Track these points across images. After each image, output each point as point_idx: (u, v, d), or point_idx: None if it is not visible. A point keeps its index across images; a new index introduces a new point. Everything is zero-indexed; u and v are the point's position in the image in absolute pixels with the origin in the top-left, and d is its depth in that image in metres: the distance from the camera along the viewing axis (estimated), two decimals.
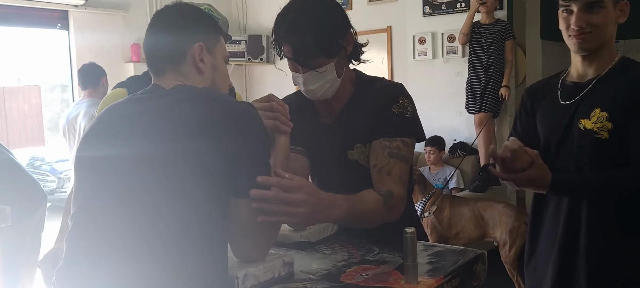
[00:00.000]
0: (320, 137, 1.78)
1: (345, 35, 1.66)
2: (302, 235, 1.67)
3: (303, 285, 1.38)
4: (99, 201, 1.28)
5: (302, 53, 1.61)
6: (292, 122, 1.77)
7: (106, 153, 1.31)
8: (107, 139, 1.34)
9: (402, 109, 1.65)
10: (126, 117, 1.35)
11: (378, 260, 1.54)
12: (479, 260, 1.60)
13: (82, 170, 1.36)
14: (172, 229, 1.22)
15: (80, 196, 1.33)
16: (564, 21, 1.77)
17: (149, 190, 1.24)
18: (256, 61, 6.43)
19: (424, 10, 5.32)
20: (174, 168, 1.24)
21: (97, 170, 1.31)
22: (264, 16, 6.48)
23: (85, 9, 5.29)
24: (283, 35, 1.63)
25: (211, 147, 1.24)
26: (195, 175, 1.23)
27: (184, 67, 1.40)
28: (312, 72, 1.63)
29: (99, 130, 1.37)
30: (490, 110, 4.81)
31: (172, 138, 1.26)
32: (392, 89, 1.72)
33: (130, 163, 1.27)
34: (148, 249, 1.21)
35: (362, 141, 1.70)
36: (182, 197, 1.23)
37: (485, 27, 4.83)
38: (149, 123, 1.30)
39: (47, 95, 10.66)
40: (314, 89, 1.66)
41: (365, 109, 1.69)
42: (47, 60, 11.13)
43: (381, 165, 1.61)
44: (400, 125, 1.65)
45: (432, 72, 5.35)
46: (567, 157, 1.71)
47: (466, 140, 5.16)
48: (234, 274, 1.30)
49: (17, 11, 5.02)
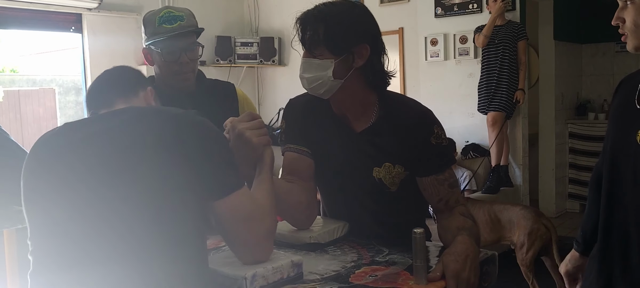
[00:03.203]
0: (343, 144, 1.76)
1: (358, 43, 1.65)
2: (312, 236, 1.67)
3: (312, 285, 1.38)
4: (62, 228, 1.24)
5: (309, 37, 1.65)
6: (303, 121, 1.78)
7: (64, 177, 1.27)
8: (63, 164, 1.29)
9: (439, 139, 1.70)
10: (80, 140, 1.30)
11: (387, 261, 1.54)
12: (490, 261, 1.59)
13: (37, 197, 1.30)
14: (143, 245, 1.21)
15: (39, 228, 1.28)
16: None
17: (116, 210, 1.22)
18: (268, 63, 6.45)
19: (436, 11, 5.31)
20: (140, 184, 1.23)
21: (54, 197, 1.27)
22: (276, 18, 6.49)
23: (99, 12, 5.33)
24: (302, 17, 1.68)
25: (172, 158, 1.25)
26: (162, 188, 1.23)
27: (135, 101, 1.45)
28: (311, 59, 1.65)
29: (50, 154, 1.32)
30: (502, 110, 4.79)
31: (132, 154, 1.25)
32: (424, 117, 1.72)
33: (92, 185, 1.24)
34: (122, 266, 1.20)
35: (391, 161, 1.71)
36: (151, 213, 1.22)
37: (498, 28, 4.81)
38: (106, 142, 1.28)
39: (61, 98, 10.76)
40: (306, 78, 1.67)
41: (398, 130, 1.70)
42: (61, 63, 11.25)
43: (447, 198, 1.70)
44: (444, 157, 1.72)
45: (444, 73, 5.34)
46: (625, 176, 1.47)
47: (479, 142, 5.14)
48: (242, 274, 1.31)
49: (31, 15, 5.06)
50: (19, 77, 11.46)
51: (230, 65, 6.31)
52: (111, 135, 1.29)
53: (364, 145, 1.72)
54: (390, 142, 1.70)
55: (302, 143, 1.78)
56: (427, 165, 1.70)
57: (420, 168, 1.70)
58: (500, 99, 4.79)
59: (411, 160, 1.70)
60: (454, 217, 1.66)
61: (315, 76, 1.65)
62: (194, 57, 2.16)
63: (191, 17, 2.16)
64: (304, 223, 1.74)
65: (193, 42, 2.16)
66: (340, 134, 1.75)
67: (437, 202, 1.71)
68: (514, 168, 5.12)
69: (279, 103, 6.49)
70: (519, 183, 5.11)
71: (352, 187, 1.76)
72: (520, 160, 5.11)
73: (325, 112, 1.78)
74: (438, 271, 1.41)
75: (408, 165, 1.71)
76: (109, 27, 5.38)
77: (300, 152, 1.78)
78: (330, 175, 1.80)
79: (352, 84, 1.67)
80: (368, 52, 1.66)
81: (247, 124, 1.51)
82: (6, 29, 5.36)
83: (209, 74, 2.41)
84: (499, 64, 4.79)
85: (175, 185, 1.25)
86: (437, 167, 1.70)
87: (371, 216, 1.76)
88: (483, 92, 4.90)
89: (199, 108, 2.13)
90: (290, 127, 1.83)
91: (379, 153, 1.71)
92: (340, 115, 1.76)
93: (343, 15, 1.65)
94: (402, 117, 1.71)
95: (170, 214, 1.23)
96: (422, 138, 1.68)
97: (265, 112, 6.58)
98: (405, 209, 1.76)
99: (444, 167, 1.71)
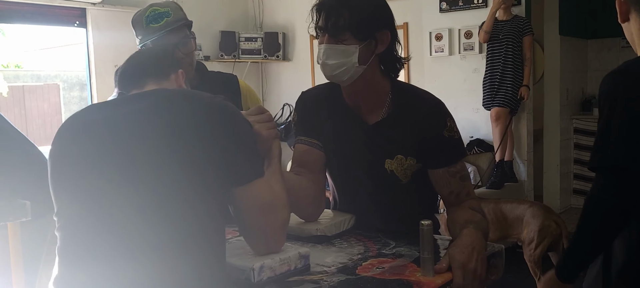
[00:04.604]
0: (355, 136, 1.76)
1: (381, 29, 1.66)
2: (319, 229, 1.67)
3: (319, 277, 1.37)
4: (90, 209, 1.25)
5: (334, 23, 1.63)
6: (315, 113, 1.78)
7: (93, 156, 1.27)
8: (92, 143, 1.29)
9: (452, 132, 1.71)
10: (106, 121, 1.31)
11: (394, 254, 1.53)
12: (497, 254, 1.59)
13: (63, 179, 1.30)
14: (170, 229, 1.21)
15: (67, 208, 1.29)
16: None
17: (144, 192, 1.22)
18: (272, 58, 6.44)
19: (441, 6, 5.29)
20: (169, 168, 1.23)
21: (81, 177, 1.27)
22: (280, 14, 6.49)
23: (103, 7, 5.33)
24: (322, 2, 1.66)
25: (201, 143, 1.25)
26: (189, 173, 1.23)
27: (166, 84, 1.46)
28: (334, 45, 1.64)
29: (78, 134, 1.33)
30: (506, 105, 4.78)
31: (160, 138, 1.25)
32: (437, 110, 1.73)
33: (120, 167, 1.25)
34: (147, 251, 1.20)
35: (404, 153, 1.71)
36: (178, 196, 1.22)
37: (503, 24, 4.80)
38: (134, 124, 1.29)
39: (66, 93, 10.78)
40: (330, 64, 1.65)
41: (410, 122, 1.70)
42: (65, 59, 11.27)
43: (458, 190, 1.71)
44: (456, 149, 1.72)
45: (449, 68, 5.32)
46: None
47: (483, 137, 5.13)
48: (250, 265, 1.30)
49: (35, 9, 5.07)
50: (23, 72, 11.50)
51: (235, 60, 6.31)
52: (137, 118, 1.29)
53: (376, 138, 1.72)
54: (403, 135, 1.70)
55: (314, 135, 1.78)
56: (439, 157, 1.70)
57: (432, 160, 1.71)
58: (505, 94, 4.78)
59: (423, 152, 1.70)
60: (463, 210, 1.66)
61: (339, 62, 1.64)
62: (188, 50, 2.11)
63: (178, 10, 2.10)
64: (312, 215, 1.73)
65: (184, 36, 2.10)
66: (353, 127, 1.75)
67: (448, 195, 1.71)
68: (519, 164, 5.11)
69: (283, 98, 6.49)
70: (524, 179, 5.10)
71: (364, 179, 1.76)
72: (524, 155, 5.10)
73: (337, 105, 1.77)
74: (444, 263, 1.41)
75: (420, 157, 1.71)
76: (113, 22, 5.38)
77: (311, 144, 1.78)
78: (342, 167, 1.80)
79: (370, 70, 1.68)
80: (389, 38, 1.68)
81: (256, 117, 1.51)
82: (10, 23, 5.37)
83: (213, 69, 2.39)
84: (503, 60, 4.78)
85: (200, 169, 1.24)
86: (449, 159, 1.70)
87: (382, 208, 1.76)
88: (487, 87, 4.89)
89: None
90: (302, 120, 1.83)
91: (391, 146, 1.71)
92: (354, 107, 1.76)
93: (365, 0, 1.65)
94: (415, 109, 1.71)
95: (194, 197, 1.23)
96: (435, 131, 1.69)
97: (270, 107, 6.57)
98: (416, 201, 1.76)
99: (456, 160, 1.71)
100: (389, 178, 1.72)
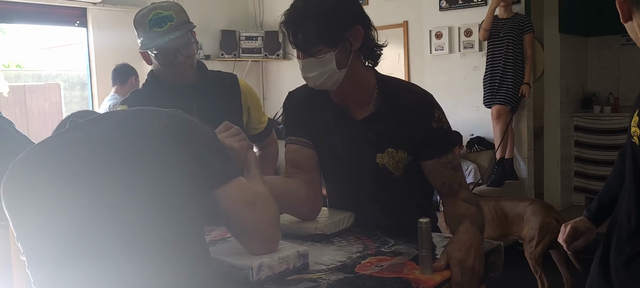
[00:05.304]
0: (345, 133, 1.76)
1: (350, 28, 1.65)
2: (317, 227, 1.67)
3: (318, 276, 1.38)
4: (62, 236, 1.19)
5: (303, 39, 1.63)
6: (303, 112, 1.78)
7: (59, 183, 1.22)
8: (59, 168, 1.23)
9: (440, 122, 1.71)
10: (60, 150, 1.26)
11: (393, 252, 1.54)
12: (496, 251, 1.59)
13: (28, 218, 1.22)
14: (152, 236, 1.20)
15: (36, 229, 1.21)
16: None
17: (122, 206, 1.20)
18: (273, 57, 6.45)
19: (441, 4, 5.29)
20: (145, 177, 1.22)
21: (53, 201, 1.21)
22: (281, 12, 6.41)
23: (103, 6, 5.34)
24: (287, 21, 1.66)
25: (175, 151, 1.25)
26: (168, 180, 1.24)
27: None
28: (311, 59, 1.64)
29: (34, 169, 1.24)
30: (507, 103, 4.78)
31: (131, 153, 1.24)
32: (424, 101, 1.73)
33: (96, 183, 1.21)
34: (129, 256, 1.18)
35: (394, 146, 1.71)
36: (159, 203, 1.22)
37: (503, 22, 4.80)
38: (103, 140, 1.26)
39: (66, 93, 10.78)
40: (311, 77, 1.66)
41: (399, 116, 1.70)
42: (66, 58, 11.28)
43: (451, 181, 1.72)
44: (445, 140, 1.73)
45: (449, 66, 5.33)
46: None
47: (484, 135, 5.13)
48: (249, 264, 1.31)
49: (35, 9, 5.08)
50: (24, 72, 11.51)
51: (235, 60, 6.31)
52: (108, 134, 1.27)
53: (365, 133, 1.73)
54: (392, 128, 1.71)
55: (303, 134, 1.79)
56: (429, 148, 1.70)
57: (422, 152, 1.72)
58: (505, 92, 4.78)
59: (413, 144, 1.71)
60: (458, 203, 1.68)
61: (319, 73, 1.64)
62: (190, 53, 2.10)
63: (181, 12, 2.08)
64: (309, 215, 1.74)
65: (187, 40, 2.09)
66: (342, 123, 1.76)
67: (441, 186, 1.73)
68: (519, 162, 5.11)
69: (283, 97, 6.41)
70: (524, 177, 5.10)
71: (356, 175, 1.76)
72: (525, 153, 5.10)
73: (325, 103, 1.78)
74: (442, 260, 1.42)
75: (410, 150, 1.71)
76: (114, 22, 5.38)
77: (302, 143, 1.79)
78: (333, 164, 1.80)
79: (353, 68, 1.68)
80: (361, 32, 1.66)
81: (225, 133, 1.52)
82: (11, 23, 5.38)
83: (214, 68, 2.39)
84: (504, 57, 4.78)
85: (179, 176, 1.25)
86: (439, 150, 1.71)
87: (377, 203, 1.77)
88: (487, 85, 4.89)
89: (202, 100, 2.13)
90: (290, 119, 1.83)
91: (381, 140, 1.72)
92: (341, 105, 1.76)
93: (328, 4, 1.63)
94: (402, 101, 1.71)
95: (176, 206, 1.23)
96: (422, 122, 1.69)
97: (270, 105, 6.58)
98: (411, 194, 1.77)
99: (446, 150, 1.72)
100: (382, 173, 1.73)
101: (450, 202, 1.71)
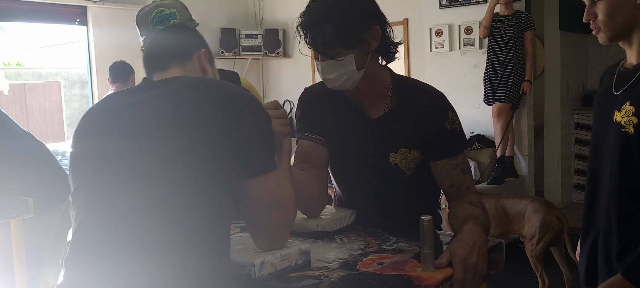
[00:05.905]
0: (358, 131, 1.76)
1: (368, 29, 1.65)
2: (319, 224, 1.67)
3: (320, 273, 1.38)
4: (103, 197, 1.26)
5: (321, 42, 1.62)
6: (318, 109, 1.79)
7: (105, 147, 1.29)
8: (104, 133, 1.32)
9: (454, 124, 1.72)
10: (122, 109, 1.34)
11: (395, 249, 1.54)
12: (497, 248, 1.59)
13: (80, 167, 1.34)
14: (182, 221, 1.21)
15: (81, 193, 1.31)
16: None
17: (154, 183, 1.22)
18: (273, 55, 6.45)
19: (441, 2, 5.29)
20: (182, 158, 1.23)
21: (95, 165, 1.29)
22: (281, 10, 6.49)
23: (103, 5, 5.33)
24: (305, 23, 1.65)
25: (215, 131, 1.25)
26: (203, 163, 1.23)
27: (189, 65, 1.46)
28: (330, 61, 1.64)
29: (93, 124, 1.36)
30: (507, 101, 4.78)
31: (167, 128, 1.26)
32: (439, 102, 1.74)
33: (132, 156, 1.26)
34: (157, 244, 1.19)
35: (407, 146, 1.72)
36: (191, 187, 1.22)
37: (504, 19, 4.79)
38: (143, 114, 1.30)
39: (67, 91, 10.79)
40: (331, 79, 1.66)
41: (413, 115, 1.71)
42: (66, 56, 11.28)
43: (459, 183, 1.72)
44: (457, 141, 1.74)
45: (450, 64, 5.32)
46: (606, 153, 1.57)
47: (484, 133, 5.13)
48: (251, 261, 1.31)
49: (35, 7, 5.07)
50: (24, 70, 11.51)
51: (235, 57, 6.31)
52: (149, 107, 1.30)
53: (379, 132, 1.73)
54: (406, 127, 1.71)
55: (317, 131, 1.79)
56: (441, 149, 1.71)
57: (434, 152, 1.72)
58: (506, 90, 4.78)
59: (426, 144, 1.71)
60: (463, 205, 1.67)
61: (339, 75, 1.65)
62: None
63: (183, 10, 2.07)
64: (315, 211, 1.75)
65: None
66: (356, 122, 1.76)
67: (449, 187, 1.73)
68: (520, 159, 5.11)
69: (283, 94, 6.49)
70: (525, 174, 5.10)
71: (369, 174, 1.77)
72: (525, 151, 5.10)
73: (340, 101, 1.78)
74: (445, 258, 1.42)
75: (423, 149, 1.72)
76: (114, 20, 5.38)
77: (315, 140, 1.79)
78: (345, 163, 1.80)
79: (370, 68, 1.69)
80: (379, 32, 1.67)
81: (271, 112, 1.50)
82: (11, 21, 5.38)
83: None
84: (504, 55, 4.77)
85: (211, 158, 1.24)
86: (451, 151, 1.72)
87: (387, 202, 1.77)
88: (488, 83, 4.89)
89: None
90: (305, 115, 1.84)
91: (395, 139, 1.72)
92: (356, 102, 1.76)
93: (345, 6, 1.63)
94: (417, 101, 1.72)
95: (201, 190, 1.23)
96: (436, 123, 1.70)
97: None
98: (419, 194, 1.78)
99: (457, 152, 1.73)
100: (394, 172, 1.73)
101: (455, 204, 1.71)
